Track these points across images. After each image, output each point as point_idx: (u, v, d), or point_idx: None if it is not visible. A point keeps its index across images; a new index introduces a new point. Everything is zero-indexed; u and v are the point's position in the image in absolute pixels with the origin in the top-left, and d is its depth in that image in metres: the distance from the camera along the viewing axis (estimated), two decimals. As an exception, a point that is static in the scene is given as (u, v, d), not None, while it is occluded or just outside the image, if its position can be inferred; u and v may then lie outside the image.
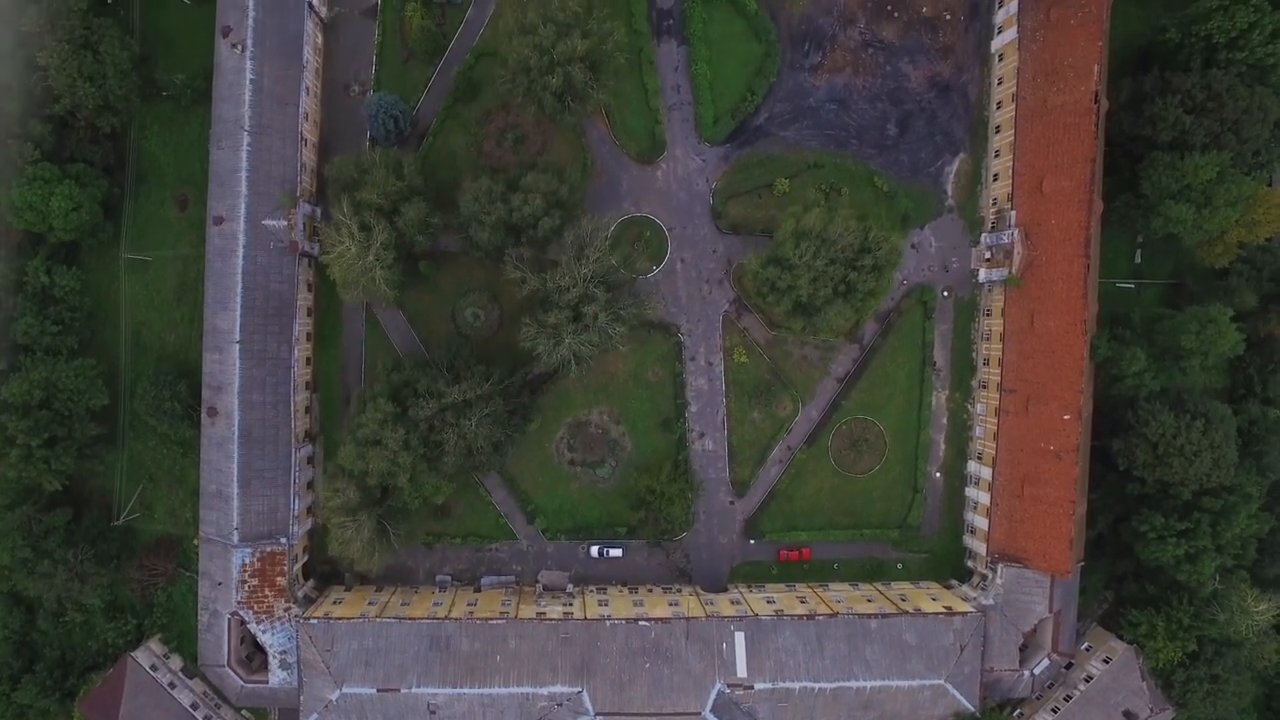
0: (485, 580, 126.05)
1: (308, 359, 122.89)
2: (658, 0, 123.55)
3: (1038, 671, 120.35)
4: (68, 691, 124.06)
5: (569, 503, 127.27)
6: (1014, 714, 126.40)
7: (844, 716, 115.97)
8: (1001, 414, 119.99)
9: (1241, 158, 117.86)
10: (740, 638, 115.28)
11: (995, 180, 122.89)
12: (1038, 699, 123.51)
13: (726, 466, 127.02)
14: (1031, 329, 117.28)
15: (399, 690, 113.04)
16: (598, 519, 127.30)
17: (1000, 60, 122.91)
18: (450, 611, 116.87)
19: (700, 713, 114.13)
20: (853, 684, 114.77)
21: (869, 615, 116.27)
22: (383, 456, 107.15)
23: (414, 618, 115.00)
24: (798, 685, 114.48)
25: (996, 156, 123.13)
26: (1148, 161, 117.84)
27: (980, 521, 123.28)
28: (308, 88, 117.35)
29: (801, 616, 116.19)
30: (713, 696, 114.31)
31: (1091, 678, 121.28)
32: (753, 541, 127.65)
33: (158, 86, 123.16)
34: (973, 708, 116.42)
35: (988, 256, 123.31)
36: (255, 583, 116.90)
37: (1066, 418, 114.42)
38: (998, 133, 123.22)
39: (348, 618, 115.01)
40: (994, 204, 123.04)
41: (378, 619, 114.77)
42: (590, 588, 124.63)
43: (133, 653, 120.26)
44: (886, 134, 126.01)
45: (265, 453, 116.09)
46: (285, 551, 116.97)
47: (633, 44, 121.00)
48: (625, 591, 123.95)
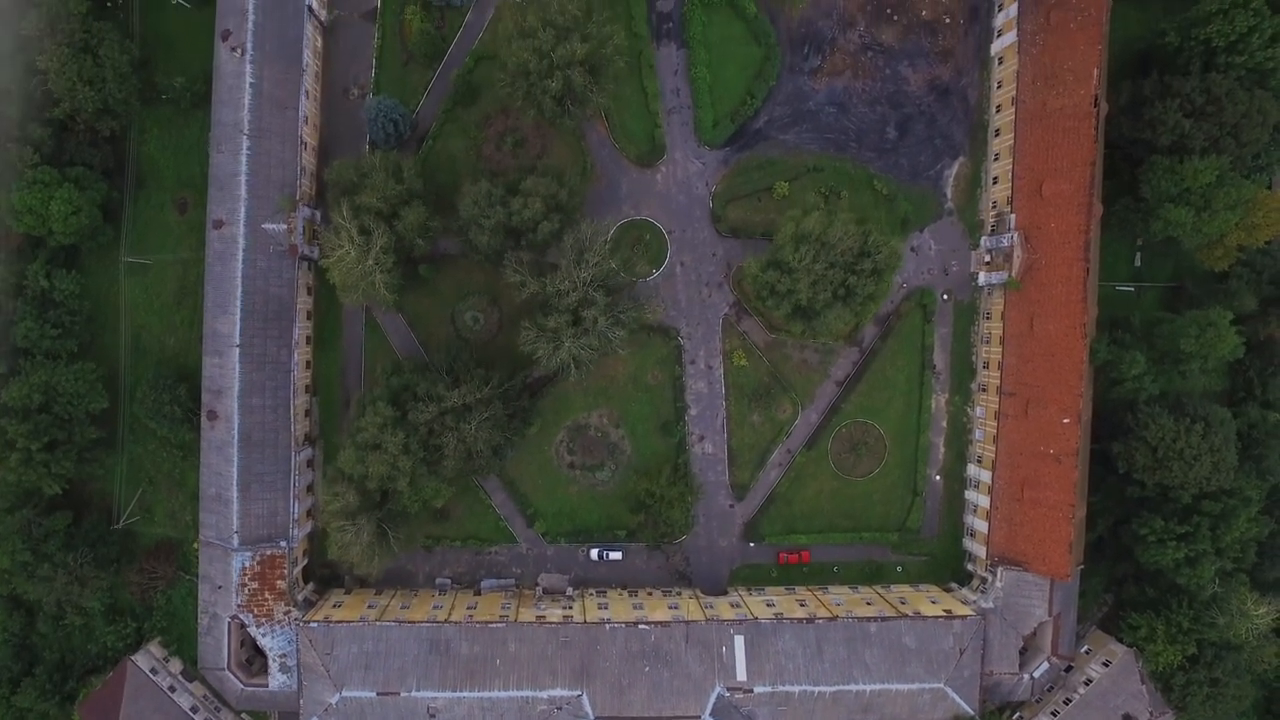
0: (485, 583, 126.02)
1: (307, 362, 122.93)
2: (657, 3, 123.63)
3: (1037, 675, 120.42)
4: (67, 695, 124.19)
5: (569, 506, 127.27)
6: (1013, 717, 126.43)
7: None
8: (1001, 417, 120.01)
9: (1241, 161, 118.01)
10: (740, 641, 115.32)
11: (995, 183, 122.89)
12: (1037, 702, 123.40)
13: (726, 470, 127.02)
14: (1031, 332, 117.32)
15: (399, 694, 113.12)
16: (597, 522, 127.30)
17: (1000, 64, 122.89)
18: (450, 615, 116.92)
19: (700, 716, 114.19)
20: (852, 687, 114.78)
21: (868, 619, 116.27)
22: (382, 460, 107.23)
23: (414, 621, 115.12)
24: (797, 689, 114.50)
25: (996, 160, 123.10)
26: (1147, 165, 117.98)
27: (980, 525, 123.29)
28: (307, 91, 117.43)
29: (801, 620, 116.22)
30: (712, 700, 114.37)
31: (1091, 681, 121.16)
32: (752, 545, 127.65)
33: (157, 90, 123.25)
34: (972, 711, 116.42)
35: (987, 260, 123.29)
36: (255, 586, 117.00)
37: (1066, 421, 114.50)
38: (997, 136, 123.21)
39: (347, 621, 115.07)
40: (994, 207, 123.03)
41: (377, 622, 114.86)
42: (590, 591, 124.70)
43: (132, 656, 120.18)
44: (886, 137, 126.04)
45: (265, 456, 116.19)
46: (285, 555, 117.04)
47: (632, 47, 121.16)
48: (625, 595, 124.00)
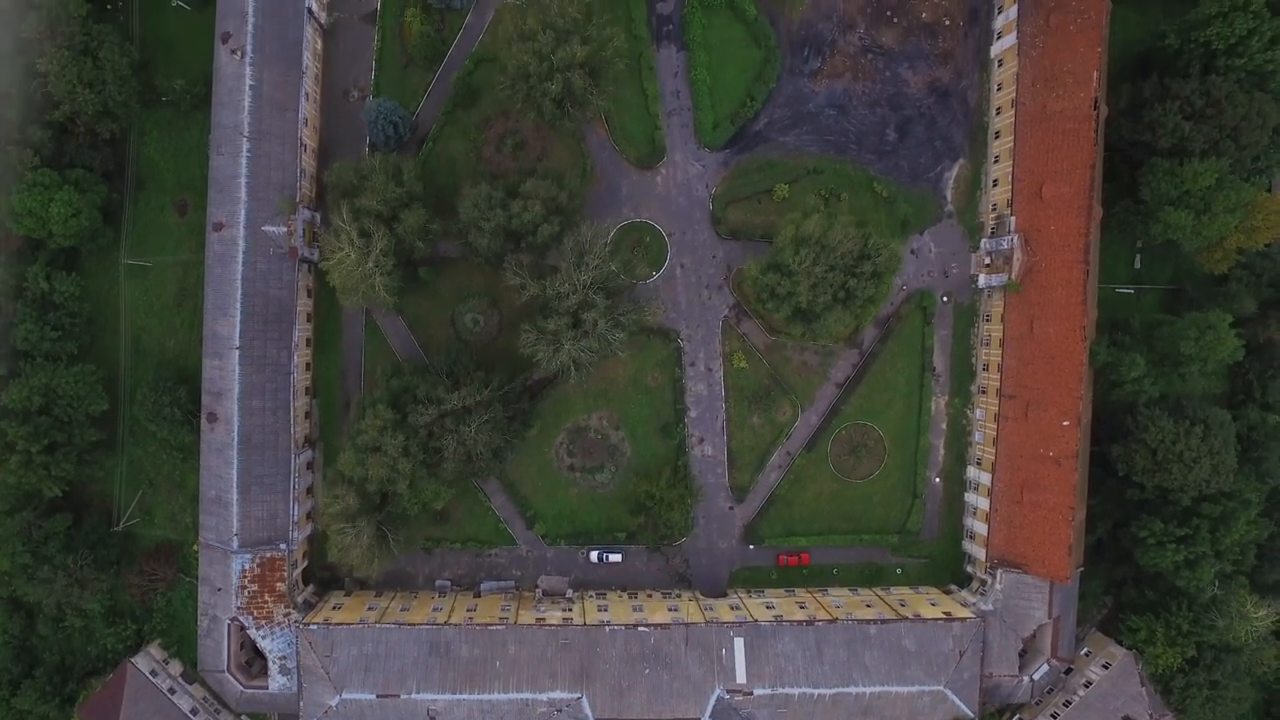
0: (485, 585, 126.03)
1: (307, 364, 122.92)
2: (657, 6, 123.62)
3: (1037, 677, 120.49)
4: (67, 697, 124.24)
5: (568, 508, 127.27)
6: (1013, 719, 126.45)
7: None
8: (1001, 419, 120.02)
9: (1241, 164, 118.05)
10: (740, 643, 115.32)
11: (995, 186, 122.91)
12: (1037, 704, 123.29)
13: (726, 472, 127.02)
14: (1031, 334, 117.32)
15: (399, 696, 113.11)
16: (597, 524, 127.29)
17: (1000, 66, 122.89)
18: (450, 617, 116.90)
19: (700, 718, 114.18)
20: (852, 690, 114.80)
21: (868, 621, 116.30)
22: (382, 463, 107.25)
23: (414, 623, 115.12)
24: (797, 691, 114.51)
25: (996, 162, 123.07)
26: (1147, 167, 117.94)
27: (979, 527, 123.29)
28: (307, 93, 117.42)
29: (801, 622, 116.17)
30: (712, 702, 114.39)
31: (1091, 683, 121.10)
32: (752, 547, 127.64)
33: (157, 92, 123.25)
34: (972, 714, 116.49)
35: (987, 262, 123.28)
36: (255, 588, 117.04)
37: (1066, 423, 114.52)
38: (997, 138, 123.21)
39: (347, 623, 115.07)
40: (993, 209, 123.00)
41: (377, 624, 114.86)
42: (590, 593, 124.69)
43: (132, 658, 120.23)
44: (886, 139, 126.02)
45: (265, 458, 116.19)
46: (285, 557, 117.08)
47: (632, 50, 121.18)
48: (625, 597, 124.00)
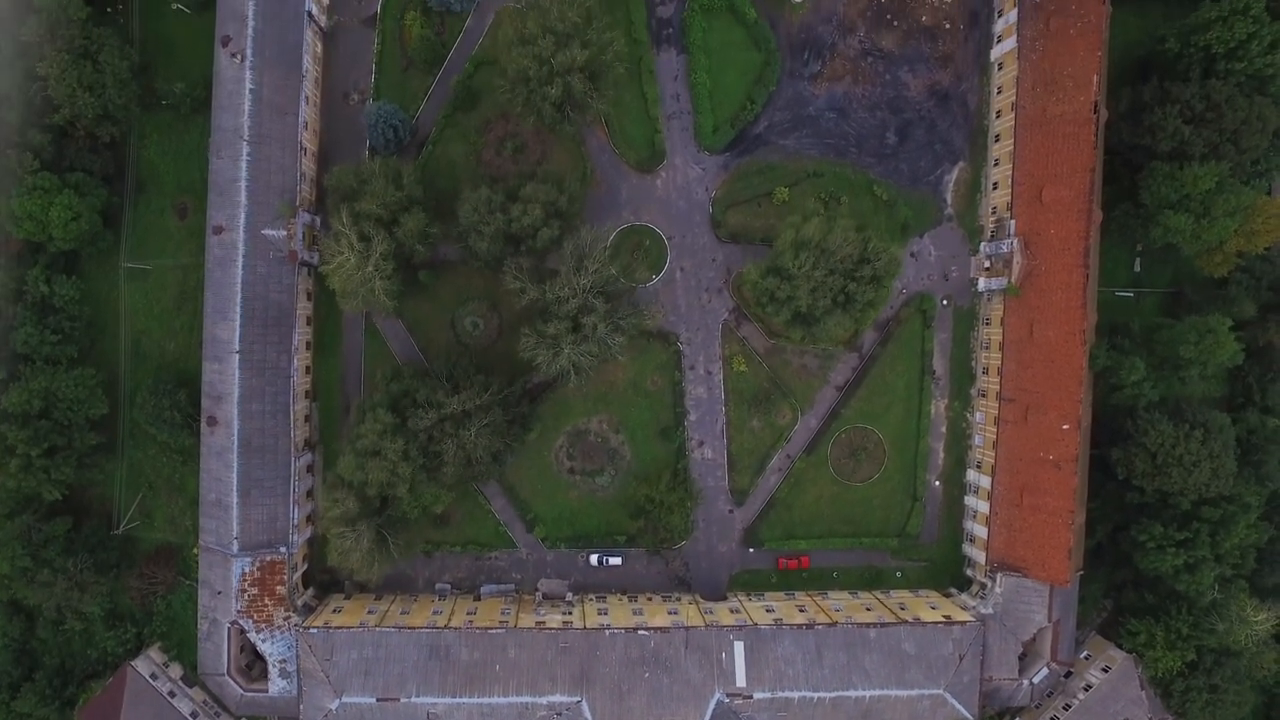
0: (485, 589, 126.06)
1: (307, 368, 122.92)
2: (657, 9, 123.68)
3: (1037, 680, 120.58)
4: (67, 700, 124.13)
5: (568, 511, 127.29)
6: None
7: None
8: (1001, 423, 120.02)
9: (1240, 167, 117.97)
10: (739, 647, 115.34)
11: (995, 189, 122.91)
12: (1037, 708, 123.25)
13: (726, 475, 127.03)
14: (1030, 338, 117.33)
15: (398, 699, 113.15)
16: (597, 527, 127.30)
17: (1000, 69, 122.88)
18: (450, 620, 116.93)
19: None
20: (852, 693, 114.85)
21: (868, 624, 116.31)
22: (382, 467, 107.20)
23: (414, 627, 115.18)
24: (797, 695, 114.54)
25: (996, 165, 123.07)
26: (1147, 171, 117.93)
27: (979, 530, 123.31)
28: (307, 97, 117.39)
29: (801, 625, 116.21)
30: (712, 706, 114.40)
31: (1091, 687, 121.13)
32: (752, 550, 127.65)
33: (157, 95, 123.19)
34: (972, 717, 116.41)
35: (987, 265, 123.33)
36: (255, 592, 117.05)
37: (1065, 427, 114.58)
38: (997, 141, 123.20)
39: (347, 627, 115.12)
40: (993, 213, 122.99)
41: (377, 628, 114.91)
42: (590, 596, 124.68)
43: (132, 661, 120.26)
44: (886, 142, 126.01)
45: (265, 462, 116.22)
46: (285, 560, 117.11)
47: (632, 53, 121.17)
48: (625, 600, 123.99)
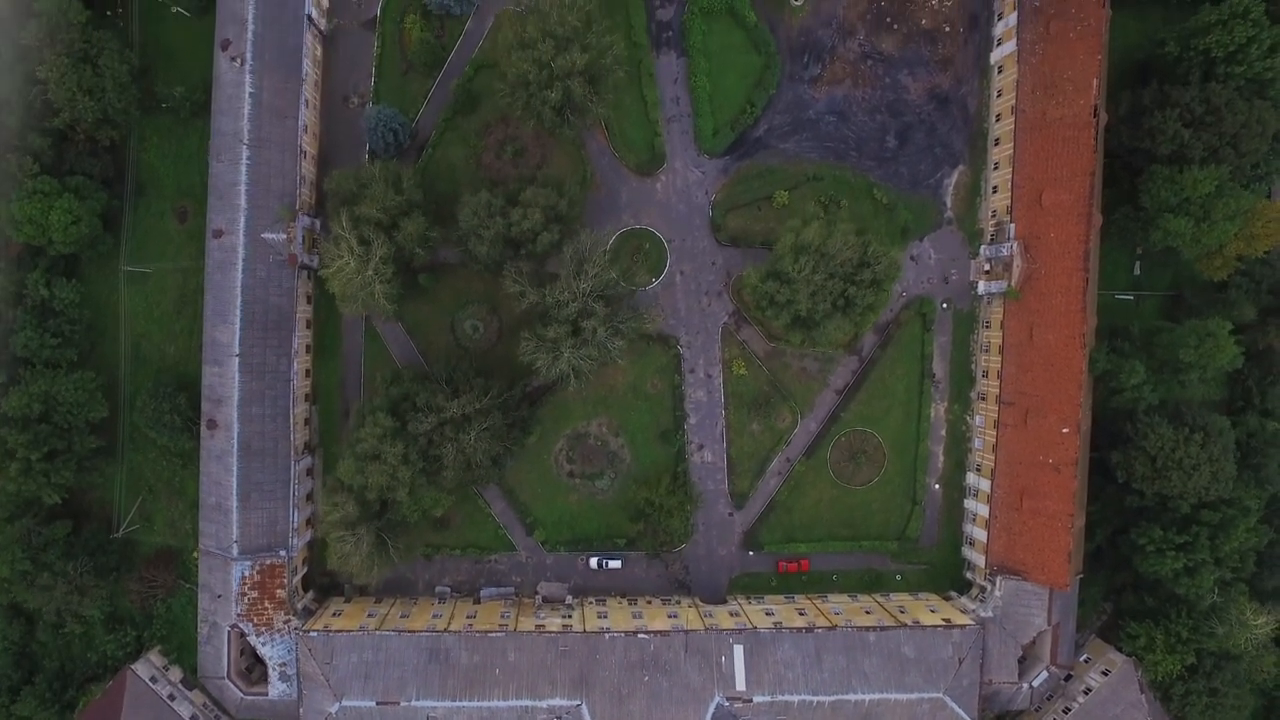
0: (484, 592, 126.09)
1: (307, 371, 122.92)
2: (657, 13, 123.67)
3: (1036, 684, 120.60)
4: (67, 703, 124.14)
5: (568, 514, 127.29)
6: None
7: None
8: (1000, 426, 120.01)
9: (1240, 171, 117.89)
10: (739, 650, 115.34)
11: (994, 193, 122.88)
12: (1036, 711, 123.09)
13: (725, 478, 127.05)
14: (1030, 342, 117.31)
15: (398, 703, 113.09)
16: (597, 531, 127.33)
17: (999, 73, 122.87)
18: (450, 624, 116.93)
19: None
20: (851, 697, 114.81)
21: (868, 628, 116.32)
22: (382, 471, 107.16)
23: (413, 630, 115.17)
24: (796, 698, 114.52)
25: (996, 169, 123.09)
26: (1147, 175, 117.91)
27: (979, 533, 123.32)
28: (307, 100, 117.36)
29: (800, 629, 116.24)
30: (712, 709, 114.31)
31: (1090, 690, 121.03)
32: (751, 553, 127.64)
33: (157, 99, 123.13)
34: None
35: (987, 269, 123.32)
36: (255, 595, 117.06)
37: (1065, 431, 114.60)
38: (997, 145, 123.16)
39: (347, 630, 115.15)
40: (993, 216, 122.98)
41: (377, 631, 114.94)
42: (589, 599, 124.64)
43: (132, 665, 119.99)
44: (886, 146, 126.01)
45: (265, 465, 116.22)
46: (285, 564, 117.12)
47: (632, 57, 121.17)
48: (624, 603, 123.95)
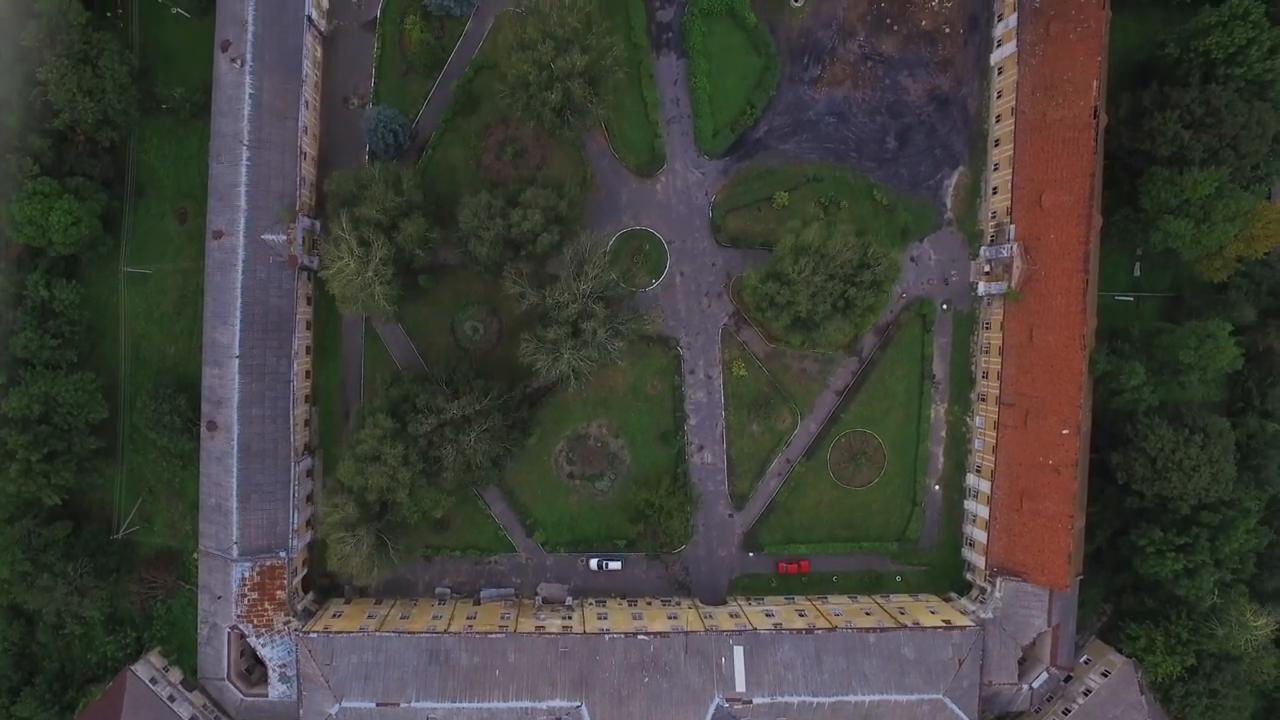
0: (484, 593, 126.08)
1: (307, 372, 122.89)
2: (657, 14, 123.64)
3: (1036, 685, 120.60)
4: (67, 704, 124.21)
5: (568, 515, 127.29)
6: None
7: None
8: (1000, 428, 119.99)
9: (1240, 172, 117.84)
10: (739, 652, 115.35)
11: (994, 194, 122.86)
12: (1036, 713, 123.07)
13: (725, 479, 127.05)
14: (1030, 343, 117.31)
15: (398, 704, 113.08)
16: (597, 532, 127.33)
17: (999, 74, 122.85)
18: (450, 625, 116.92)
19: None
20: (851, 698, 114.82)
21: (868, 629, 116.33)
22: (382, 472, 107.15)
23: (413, 631, 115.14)
24: (796, 699, 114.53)
25: (996, 170, 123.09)
26: (1147, 176, 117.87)
27: (979, 535, 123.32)
28: (307, 101, 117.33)
29: (800, 630, 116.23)
30: (711, 711, 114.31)
31: (1090, 691, 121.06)
32: (751, 554, 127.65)
33: (157, 100, 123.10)
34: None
35: (987, 270, 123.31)
36: (255, 596, 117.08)
37: (1065, 432, 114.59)
38: (997, 146, 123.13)
39: (347, 631, 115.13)
40: (993, 217, 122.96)
41: (377, 633, 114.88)
42: (589, 601, 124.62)
43: (132, 666, 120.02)
44: (886, 147, 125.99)
45: (265, 467, 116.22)
46: (285, 565, 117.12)
47: (632, 58, 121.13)
48: (624, 604, 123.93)
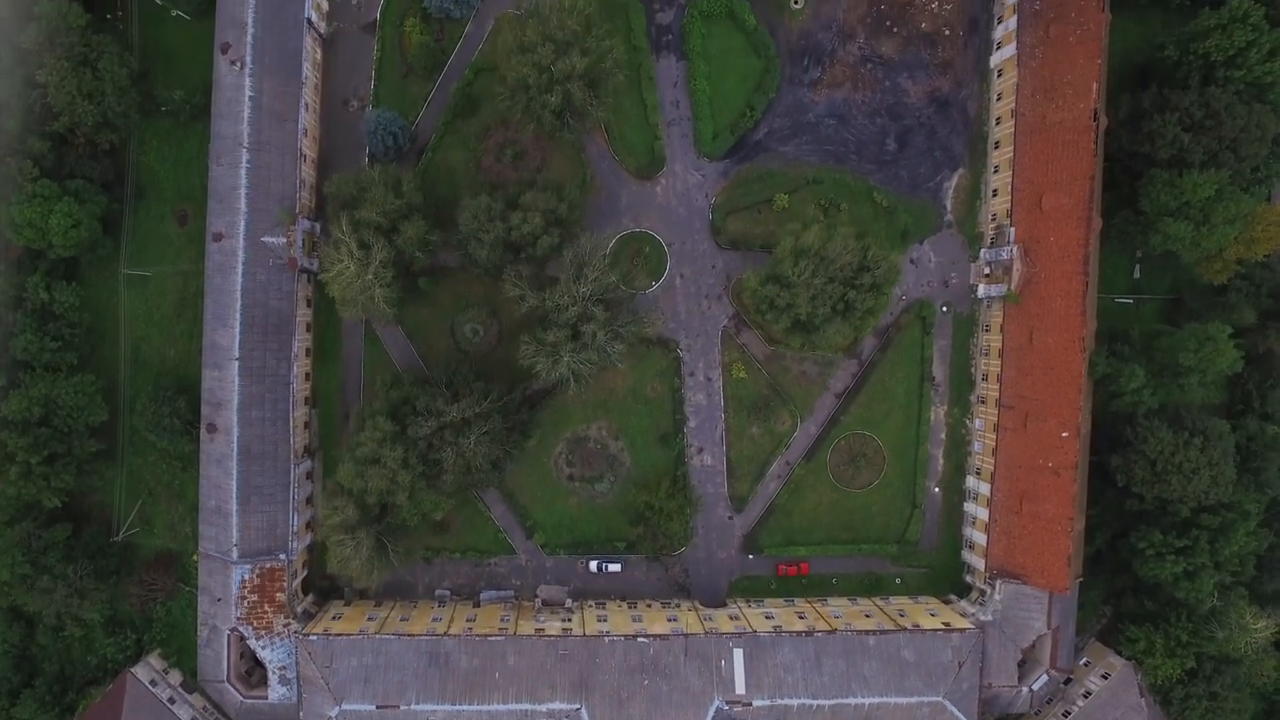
0: (484, 595, 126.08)
1: (307, 374, 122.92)
2: (657, 16, 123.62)
3: (1036, 688, 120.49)
4: (67, 706, 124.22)
5: (568, 518, 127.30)
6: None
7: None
8: (1000, 430, 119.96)
9: (1240, 175, 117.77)
10: (739, 654, 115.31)
11: (994, 196, 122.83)
12: (1036, 715, 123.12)
13: (725, 482, 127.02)
14: (1030, 345, 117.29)
15: (398, 707, 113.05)
16: (596, 534, 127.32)
17: (999, 76, 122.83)
18: (449, 627, 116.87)
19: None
20: (851, 701, 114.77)
21: (867, 631, 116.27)
22: (381, 475, 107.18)
23: (413, 634, 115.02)
24: (796, 702, 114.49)
25: (996, 172, 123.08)
26: (1146, 178, 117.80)
27: (979, 537, 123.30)
28: (307, 104, 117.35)
29: (800, 633, 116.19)
30: (711, 713, 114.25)
31: (1090, 694, 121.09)
32: (751, 557, 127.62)
33: (157, 102, 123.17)
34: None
35: (987, 272, 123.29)
36: (254, 598, 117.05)
37: (1065, 435, 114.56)
38: (997, 148, 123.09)
39: (347, 634, 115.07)
40: (993, 220, 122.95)
41: (377, 635, 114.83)
42: (589, 603, 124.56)
43: (132, 668, 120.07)
44: (886, 149, 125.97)
45: (264, 469, 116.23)
46: (284, 567, 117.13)
47: (632, 60, 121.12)
48: (624, 607, 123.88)
